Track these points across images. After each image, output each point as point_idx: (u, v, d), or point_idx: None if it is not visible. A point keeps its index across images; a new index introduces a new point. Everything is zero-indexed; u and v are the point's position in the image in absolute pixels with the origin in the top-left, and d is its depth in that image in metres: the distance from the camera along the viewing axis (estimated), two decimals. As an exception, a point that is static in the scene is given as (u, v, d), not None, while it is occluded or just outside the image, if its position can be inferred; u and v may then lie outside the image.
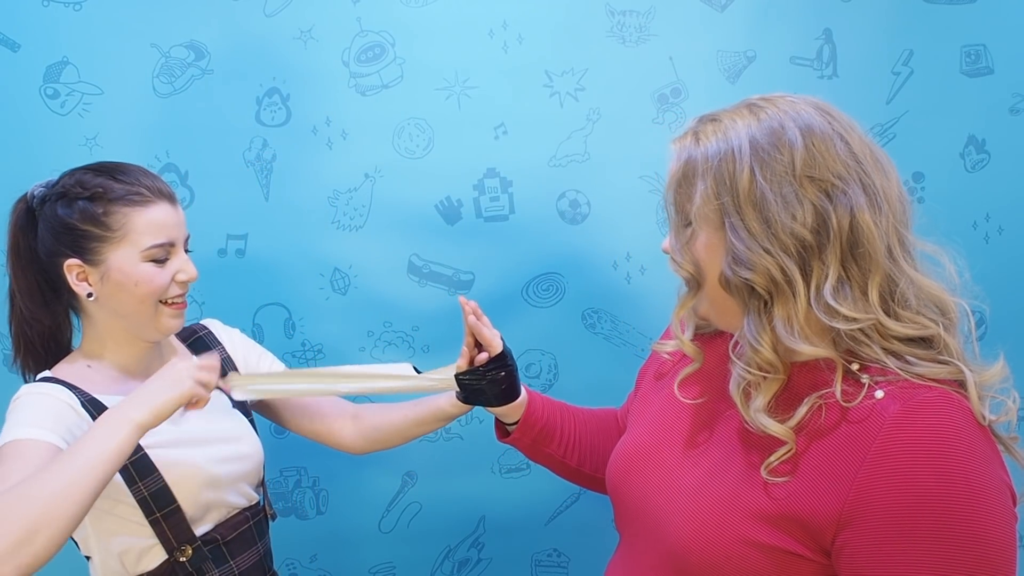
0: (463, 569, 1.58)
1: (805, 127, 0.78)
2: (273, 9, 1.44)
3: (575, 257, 1.52)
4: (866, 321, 0.75)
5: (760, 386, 0.80)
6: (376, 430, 1.23)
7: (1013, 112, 1.52)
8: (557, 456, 1.15)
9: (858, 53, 1.49)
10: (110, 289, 1.04)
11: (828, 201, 0.76)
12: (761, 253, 0.76)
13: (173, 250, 1.07)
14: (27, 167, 1.42)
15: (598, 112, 1.49)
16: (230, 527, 1.11)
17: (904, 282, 0.77)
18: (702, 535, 0.81)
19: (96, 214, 1.03)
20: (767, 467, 0.78)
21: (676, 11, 1.48)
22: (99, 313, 1.07)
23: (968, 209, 1.54)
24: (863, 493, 0.72)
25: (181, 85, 1.44)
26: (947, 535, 0.69)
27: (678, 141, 0.84)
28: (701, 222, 0.81)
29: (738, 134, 0.79)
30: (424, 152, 1.48)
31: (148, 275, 1.04)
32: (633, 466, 0.95)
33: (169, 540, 1.04)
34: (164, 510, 1.03)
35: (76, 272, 1.04)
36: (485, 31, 1.47)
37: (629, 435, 1.01)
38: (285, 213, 1.47)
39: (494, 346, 1.10)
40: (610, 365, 1.53)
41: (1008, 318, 1.55)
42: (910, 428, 0.71)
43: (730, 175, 0.78)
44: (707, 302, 0.85)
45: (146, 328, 1.08)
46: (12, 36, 1.40)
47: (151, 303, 1.06)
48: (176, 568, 1.05)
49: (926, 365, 0.75)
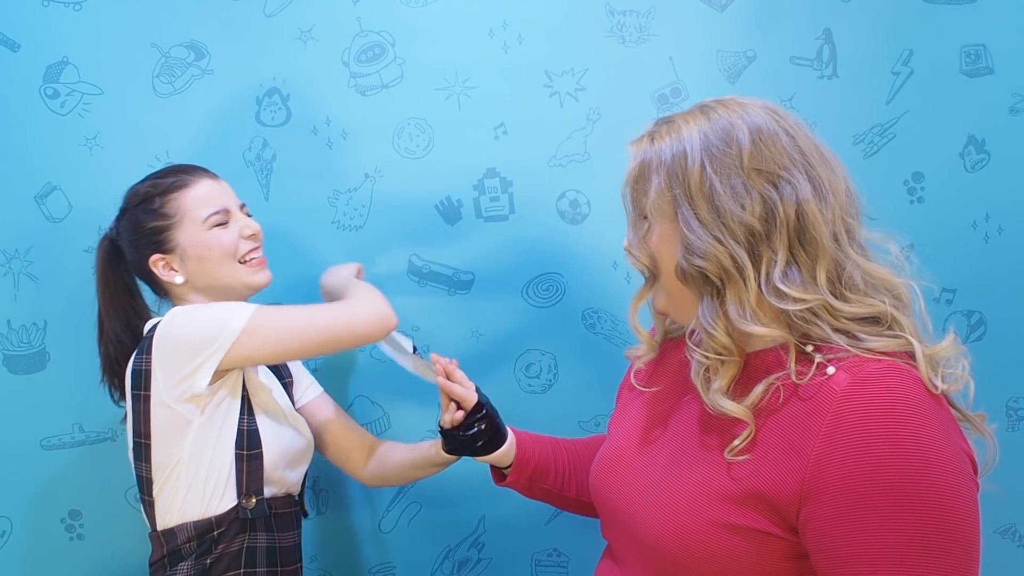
0: (463, 569, 1.58)
1: (753, 125, 0.82)
2: (273, 9, 1.44)
3: (575, 257, 1.51)
4: (814, 302, 0.78)
5: (718, 370, 0.83)
6: (382, 465, 1.33)
7: (1013, 112, 1.52)
8: (555, 490, 1.18)
9: (858, 53, 1.49)
10: (192, 266, 1.20)
11: (775, 191, 0.80)
12: (712, 242, 0.80)
13: (230, 215, 1.22)
14: (27, 167, 1.42)
15: (598, 112, 1.49)
16: (280, 504, 1.21)
17: (851, 266, 0.80)
18: (674, 523, 0.83)
19: (153, 209, 1.19)
20: (730, 450, 0.80)
21: (676, 11, 1.48)
22: (195, 297, 1.21)
23: (968, 209, 1.54)
24: (820, 467, 0.74)
25: (181, 85, 1.44)
26: (905, 501, 0.71)
27: (635, 144, 0.90)
28: (656, 215, 0.86)
29: (690, 133, 0.84)
30: (424, 152, 1.48)
31: (216, 237, 1.19)
32: (610, 470, 0.97)
33: (243, 482, 1.15)
34: (251, 450, 1.16)
35: (161, 264, 1.20)
36: (485, 31, 1.47)
37: (606, 443, 1.04)
38: (285, 213, 1.47)
39: (468, 401, 1.13)
40: (610, 365, 1.53)
41: (1008, 318, 1.55)
42: (861, 399, 0.73)
43: (682, 169, 0.82)
44: (664, 294, 0.90)
45: (238, 288, 1.21)
46: (12, 36, 1.40)
47: (230, 262, 1.19)
48: (239, 514, 1.15)
49: (875, 340, 0.77)
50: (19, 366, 1.46)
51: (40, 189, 1.43)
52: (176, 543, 1.14)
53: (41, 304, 1.45)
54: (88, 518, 1.48)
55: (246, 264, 1.22)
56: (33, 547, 1.48)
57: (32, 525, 1.48)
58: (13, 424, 1.45)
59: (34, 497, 1.47)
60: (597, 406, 1.52)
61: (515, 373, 1.53)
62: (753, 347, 0.85)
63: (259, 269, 1.23)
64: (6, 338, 1.45)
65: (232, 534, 1.15)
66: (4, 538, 1.48)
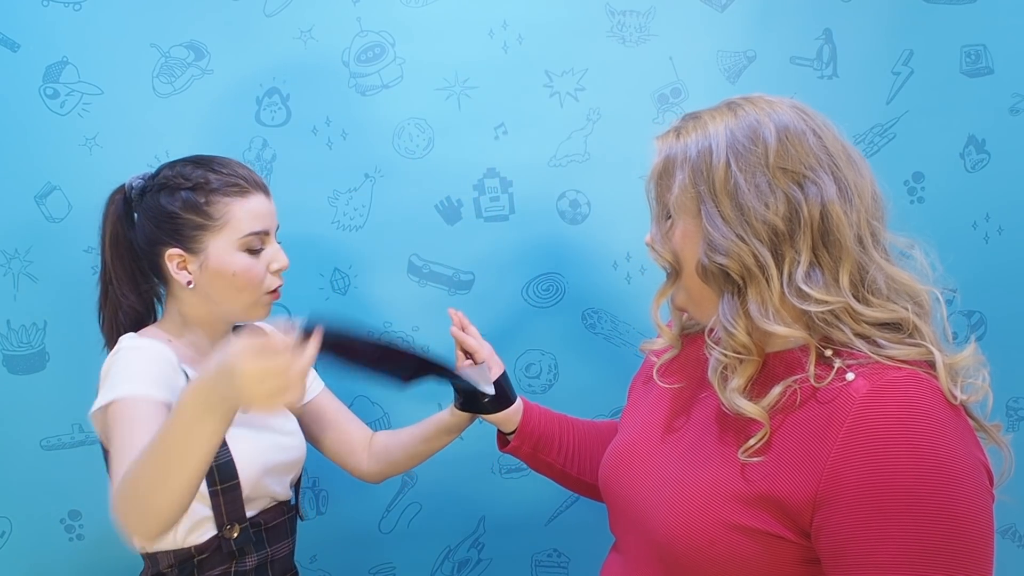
0: (463, 569, 1.58)
1: (780, 123, 0.81)
2: (273, 9, 1.44)
3: (575, 257, 1.51)
4: (836, 304, 0.78)
5: (736, 369, 0.82)
6: (387, 451, 1.27)
7: (1013, 112, 1.52)
8: (557, 465, 1.18)
9: (858, 53, 1.49)
10: (208, 277, 1.09)
11: (800, 191, 0.79)
12: (735, 240, 0.79)
13: (267, 239, 1.13)
14: (27, 167, 1.42)
15: (598, 112, 1.49)
16: (271, 515, 1.15)
17: (874, 269, 0.80)
18: (685, 522, 0.82)
19: (199, 203, 1.08)
20: (744, 450, 0.80)
21: (676, 11, 1.48)
22: (191, 299, 1.12)
23: (968, 209, 1.54)
24: (836, 473, 0.73)
25: (181, 85, 1.44)
26: (921, 511, 0.70)
27: (661, 139, 0.89)
28: (679, 211, 0.85)
29: (716, 129, 0.83)
30: (424, 152, 1.48)
31: (245, 265, 1.09)
32: (621, 463, 0.97)
33: (222, 515, 1.07)
34: (225, 484, 1.06)
35: (177, 261, 1.10)
36: (485, 31, 1.47)
37: (618, 436, 1.04)
38: (285, 213, 1.47)
39: (479, 353, 1.17)
40: (610, 365, 1.53)
41: (1008, 318, 1.55)
42: (880, 407, 0.73)
43: (707, 166, 0.82)
44: (684, 291, 0.89)
45: (238, 316, 1.14)
46: (12, 36, 1.40)
47: (248, 292, 1.10)
48: (222, 545, 1.08)
49: (896, 347, 0.77)
50: (19, 366, 1.46)
51: (40, 189, 1.42)
52: (159, 567, 1.09)
53: (41, 304, 1.44)
54: (88, 518, 1.48)
55: (264, 297, 1.12)
56: (33, 547, 1.48)
57: (32, 525, 1.48)
58: (13, 424, 1.45)
59: (34, 497, 1.47)
60: (597, 406, 1.52)
61: (515, 373, 1.53)
62: (773, 347, 0.84)
63: (270, 307, 1.14)
64: (6, 338, 1.45)
65: (216, 562, 1.08)
66: (4, 538, 1.48)
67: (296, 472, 1.21)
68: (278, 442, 1.16)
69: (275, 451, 1.14)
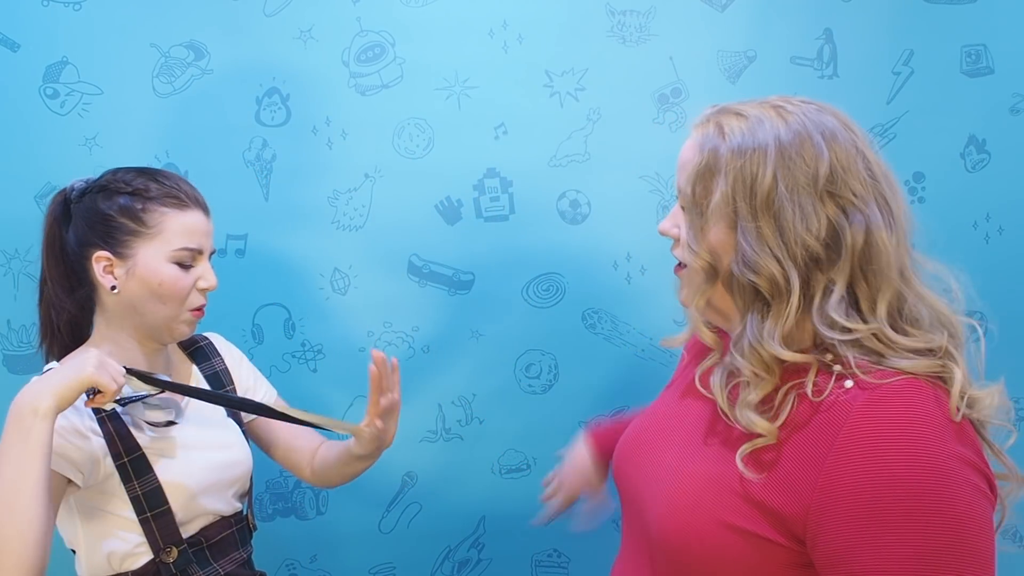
0: (463, 569, 1.58)
1: (831, 137, 0.78)
2: (273, 9, 1.44)
3: (575, 257, 1.52)
4: (862, 333, 0.76)
5: (753, 383, 0.80)
6: (324, 467, 1.25)
7: (1013, 112, 1.52)
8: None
9: (858, 53, 1.49)
10: (134, 285, 1.07)
11: (844, 217, 0.76)
12: (770, 259, 0.77)
13: (199, 257, 1.10)
14: (27, 167, 1.42)
15: (598, 112, 1.49)
16: (215, 531, 1.12)
17: (912, 298, 0.77)
18: (680, 518, 0.82)
19: (134, 209, 1.06)
20: (742, 455, 0.78)
21: (676, 11, 1.48)
22: (117, 308, 1.09)
23: (968, 209, 1.54)
24: (832, 481, 0.72)
25: (181, 85, 1.44)
26: (918, 519, 0.69)
27: (700, 127, 0.83)
28: (715, 216, 0.81)
29: (765, 134, 0.78)
30: (424, 152, 1.48)
31: (172, 277, 1.07)
32: (629, 452, 0.97)
33: (156, 540, 1.05)
34: (155, 510, 1.04)
35: (104, 264, 1.07)
36: (485, 31, 1.47)
37: (630, 427, 1.03)
38: (285, 213, 1.47)
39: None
40: (610, 365, 1.53)
41: (1008, 318, 1.54)
42: (877, 414, 0.72)
43: (752, 177, 0.78)
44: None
45: (160, 330, 1.10)
46: (12, 36, 1.40)
47: (171, 305, 1.08)
48: (161, 569, 1.05)
49: (902, 360, 0.75)
50: (19, 366, 1.46)
51: (40, 189, 1.43)
52: None
53: (41, 304, 1.44)
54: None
55: (187, 314, 1.10)
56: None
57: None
58: (13, 424, 1.45)
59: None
60: (597, 406, 1.52)
61: (515, 373, 1.53)
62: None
63: (192, 321, 1.11)
64: (6, 338, 1.45)
65: None
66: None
67: (241, 485, 1.18)
68: (213, 460, 1.13)
69: (210, 471, 1.11)
